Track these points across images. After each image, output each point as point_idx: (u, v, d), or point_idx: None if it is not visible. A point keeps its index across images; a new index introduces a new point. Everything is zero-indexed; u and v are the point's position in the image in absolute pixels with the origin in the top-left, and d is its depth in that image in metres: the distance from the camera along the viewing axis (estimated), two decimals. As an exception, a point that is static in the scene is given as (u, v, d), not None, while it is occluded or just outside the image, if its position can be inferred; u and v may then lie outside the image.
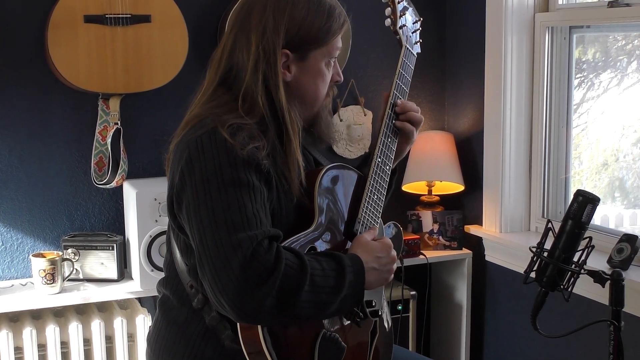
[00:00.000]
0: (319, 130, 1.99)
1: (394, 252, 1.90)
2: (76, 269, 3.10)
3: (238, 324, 1.73)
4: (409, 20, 2.09)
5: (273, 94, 1.83)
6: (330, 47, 1.89)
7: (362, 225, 1.94)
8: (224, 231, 1.63)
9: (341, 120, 3.52)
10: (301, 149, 1.89)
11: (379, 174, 1.99)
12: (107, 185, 3.15)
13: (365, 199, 1.96)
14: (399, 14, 2.04)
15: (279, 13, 1.82)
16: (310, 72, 1.88)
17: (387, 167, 2.02)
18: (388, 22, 2.05)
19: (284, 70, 1.85)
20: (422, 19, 2.14)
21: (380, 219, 2.02)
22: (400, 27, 2.06)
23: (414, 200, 3.64)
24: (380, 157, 2.00)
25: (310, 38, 1.85)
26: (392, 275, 1.90)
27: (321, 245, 1.85)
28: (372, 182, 1.98)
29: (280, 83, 1.82)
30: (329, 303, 1.71)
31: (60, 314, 3.13)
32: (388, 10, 2.04)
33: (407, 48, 2.08)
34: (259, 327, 1.70)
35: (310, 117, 1.95)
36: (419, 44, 2.14)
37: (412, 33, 2.10)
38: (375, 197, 1.98)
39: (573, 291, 2.09)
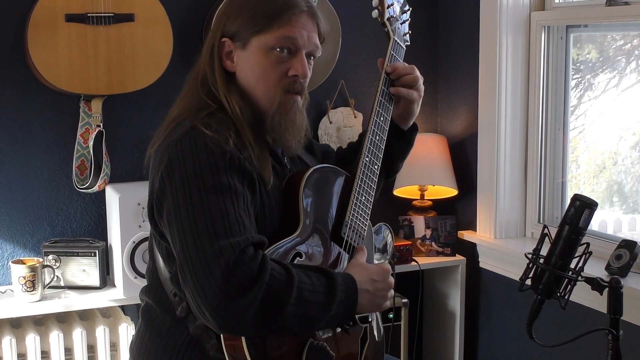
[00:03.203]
0: (272, 131, 1.86)
1: (391, 279, 1.85)
2: (57, 276, 3.07)
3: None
4: (398, 10, 2.06)
5: (217, 86, 1.83)
6: (275, 35, 1.80)
7: (350, 228, 1.91)
8: (206, 238, 1.60)
9: (331, 123, 3.49)
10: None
11: (367, 174, 1.96)
12: (89, 190, 3.12)
13: (353, 201, 1.92)
14: (386, 5, 2.01)
15: (231, 3, 1.85)
16: (249, 61, 1.84)
17: (376, 167, 1.98)
18: (375, 13, 2.02)
19: (227, 60, 1.84)
20: (411, 8, 2.11)
21: (369, 221, 1.98)
22: (388, 19, 2.03)
23: (406, 205, 3.62)
24: (368, 156, 1.96)
25: (248, 23, 1.82)
26: (387, 303, 1.85)
27: (306, 250, 1.81)
28: (360, 182, 1.94)
29: (218, 73, 1.82)
30: (316, 319, 1.68)
31: (40, 323, 3.11)
32: (375, 1, 1.99)
33: (396, 40, 2.05)
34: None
35: (270, 114, 1.85)
36: (408, 35, 2.11)
37: (401, 24, 2.08)
38: (364, 198, 1.95)
39: (570, 299, 2.09)
